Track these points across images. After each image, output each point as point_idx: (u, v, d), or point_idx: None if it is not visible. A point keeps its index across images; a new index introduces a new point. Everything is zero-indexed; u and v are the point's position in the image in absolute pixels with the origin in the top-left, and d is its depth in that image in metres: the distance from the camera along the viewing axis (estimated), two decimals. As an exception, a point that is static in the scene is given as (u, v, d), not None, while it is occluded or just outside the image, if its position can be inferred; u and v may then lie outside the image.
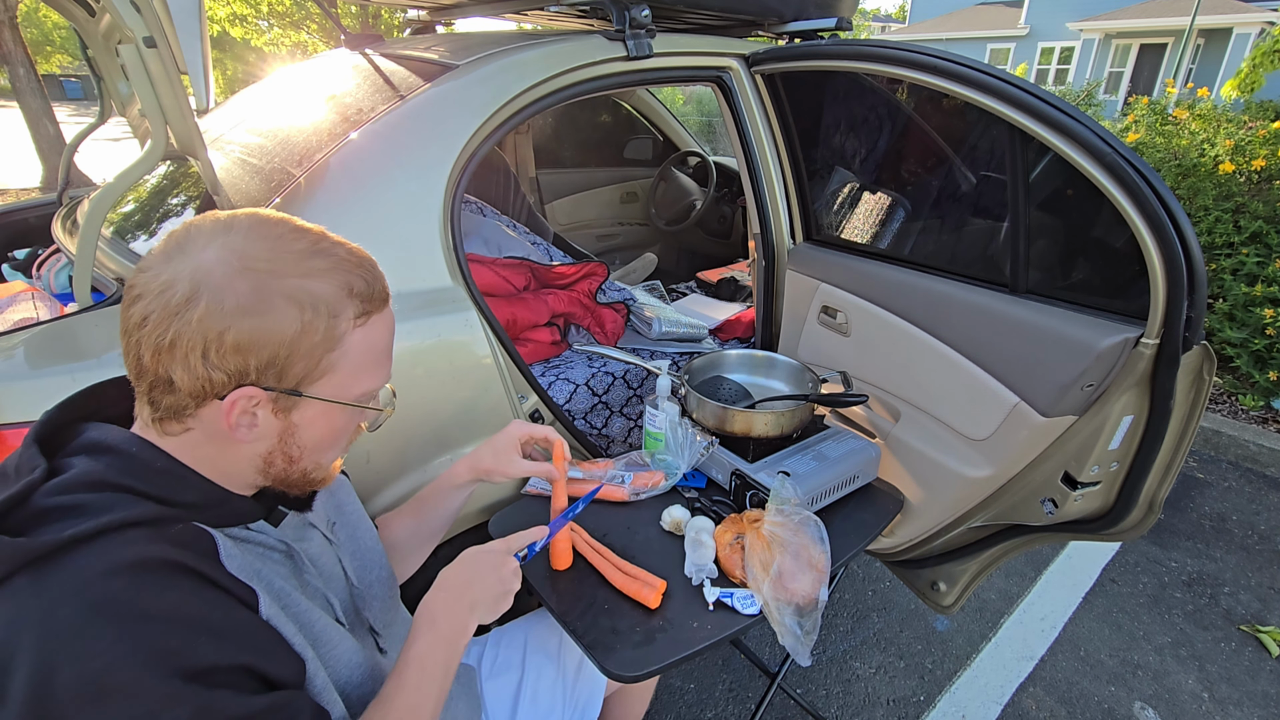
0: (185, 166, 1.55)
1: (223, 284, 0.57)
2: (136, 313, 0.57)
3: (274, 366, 0.60)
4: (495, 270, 1.73)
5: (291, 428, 0.64)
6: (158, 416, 0.61)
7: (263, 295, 0.58)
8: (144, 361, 0.58)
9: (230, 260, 0.58)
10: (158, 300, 0.56)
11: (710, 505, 1.30)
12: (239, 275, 0.58)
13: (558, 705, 1.08)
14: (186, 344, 0.56)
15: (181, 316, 0.56)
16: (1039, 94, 1.15)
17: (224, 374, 0.58)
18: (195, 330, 0.56)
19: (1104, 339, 1.16)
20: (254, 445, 0.64)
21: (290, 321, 0.59)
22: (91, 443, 0.60)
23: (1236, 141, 3.43)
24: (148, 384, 0.59)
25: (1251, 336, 3.15)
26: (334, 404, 0.65)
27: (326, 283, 0.61)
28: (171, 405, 0.60)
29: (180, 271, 0.57)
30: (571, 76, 1.40)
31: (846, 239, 1.68)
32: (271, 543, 0.68)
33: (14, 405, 0.88)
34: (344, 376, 0.65)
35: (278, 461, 0.66)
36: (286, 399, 0.62)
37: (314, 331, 0.60)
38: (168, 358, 0.57)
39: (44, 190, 7.04)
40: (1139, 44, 18.18)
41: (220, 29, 10.27)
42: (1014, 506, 1.43)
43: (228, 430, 0.61)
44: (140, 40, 0.91)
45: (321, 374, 0.63)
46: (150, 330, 0.57)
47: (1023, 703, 1.79)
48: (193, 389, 0.58)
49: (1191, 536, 2.50)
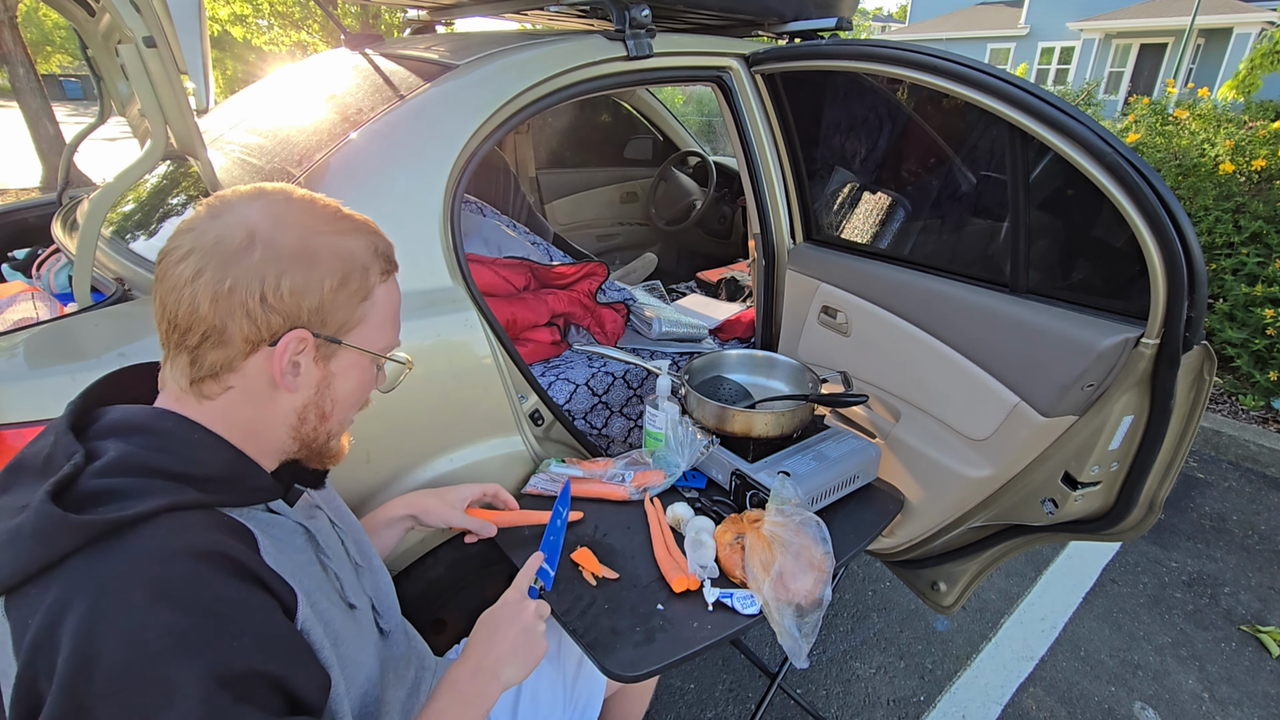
0: (185, 166, 1.55)
1: (274, 234, 0.61)
2: (188, 267, 0.59)
3: (320, 313, 0.64)
4: (495, 270, 1.73)
5: (329, 377, 0.68)
6: (199, 377, 0.62)
7: (309, 245, 0.63)
8: (200, 311, 0.59)
9: (275, 215, 0.63)
10: (213, 252, 0.59)
11: (710, 505, 1.30)
12: (285, 228, 0.62)
13: (558, 706, 1.08)
14: (245, 289, 0.60)
15: (239, 263, 0.59)
16: (1039, 94, 1.15)
17: (280, 317, 0.61)
18: (254, 275, 0.60)
19: (1104, 339, 1.16)
20: (293, 398, 0.67)
21: (334, 270, 0.64)
22: (119, 424, 0.61)
23: (1237, 141, 3.43)
24: (198, 338, 0.60)
25: (1252, 336, 3.15)
26: (366, 353, 0.70)
27: (356, 240, 0.67)
28: (218, 361, 0.61)
29: (230, 225, 0.61)
30: (571, 76, 1.40)
31: (847, 239, 1.68)
32: (291, 525, 0.69)
33: (14, 405, 0.88)
34: (372, 329, 0.70)
35: (310, 417, 0.69)
36: (328, 346, 0.66)
37: (351, 281, 0.65)
38: (226, 304, 0.59)
39: (44, 190, 7.04)
40: (1139, 44, 18.18)
41: (220, 29, 10.27)
42: (1014, 506, 1.43)
43: (275, 378, 0.63)
44: (140, 40, 0.91)
45: (356, 323, 0.68)
46: (208, 279, 0.59)
47: (1023, 703, 1.79)
48: (249, 334, 0.61)
49: (1192, 536, 2.50)
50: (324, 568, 0.72)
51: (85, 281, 1.05)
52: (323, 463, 0.75)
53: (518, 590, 0.88)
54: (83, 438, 0.60)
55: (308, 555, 0.70)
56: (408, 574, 1.25)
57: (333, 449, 0.74)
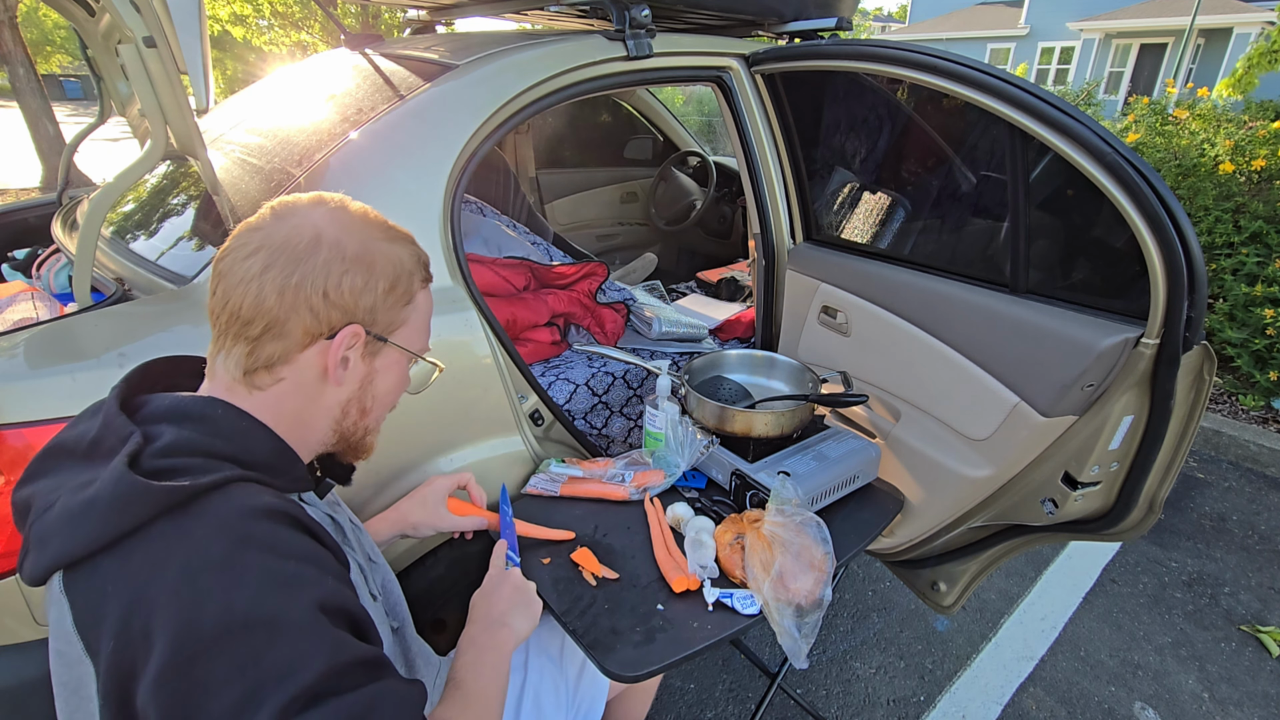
0: (185, 166, 1.55)
1: (340, 237, 0.67)
2: (257, 262, 0.64)
3: (372, 312, 0.69)
4: (495, 270, 1.73)
5: (372, 373, 0.73)
6: (254, 368, 0.66)
7: (368, 249, 0.68)
8: (266, 303, 0.63)
9: (339, 223, 0.68)
10: (282, 250, 0.64)
11: (710, 505, 1.30)
12: (347, 233, 0.67)
13: (561, 709, 1.08)
14: (311, 285, 0.64)
15: (307, 261, 0.64)
16: (1039, 94, 1.15)
17: (339, 312, 0.66)
18: (320, 272, 0.65)
19: (1104, 339, 1.16)
20: (339, 392, 0.71)
21: (387, 274, 0.70)
22: (172, 410, 0.64)
23: (1236, 141, 3.43)
24: (261, 329, 0.64)
25: (1252, 336, 3.15)
26: (405, 354, 0.75)
27: (404, 249, 0.73)
28: (275, 352, 0.65)
29: (297, 227, 0.66)
30: (571, 76, 1.40)
31: (847, 239, 1.68)
32: (321, 515, 0.73)
33: (14, 405, 0.88)
34: (411, 330, 0.75)
35: (353, 411, 0.73)
36: (375, 343, 0.71)
37: (400, 285, 0.71)
38: (292, 298, 0.64)
39: (44, 190, 7.04)
40: (1139, 44, 18.17)
41: (220, 29, 10.27)
42: (1014, 506, 1.43)
43: (327, 370, 0.68)
44: (140, 40, 0.90)
45: (399, 325, 0.73)
46: (276, 273, 0.63)
47: (1023, 703, 1.79)
48: (309, 327, 0.65)
49: (1191, 536, 2.50)
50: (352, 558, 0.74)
51: (85, 281, 1.05)
52: (356, 456, 0.79)
53: (496, 567, 0.98)
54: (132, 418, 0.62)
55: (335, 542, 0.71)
56: (408, 574, 1.25)
57: (368, 444, 0.79)
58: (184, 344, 1.00)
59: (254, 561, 0.53)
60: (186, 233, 1.36)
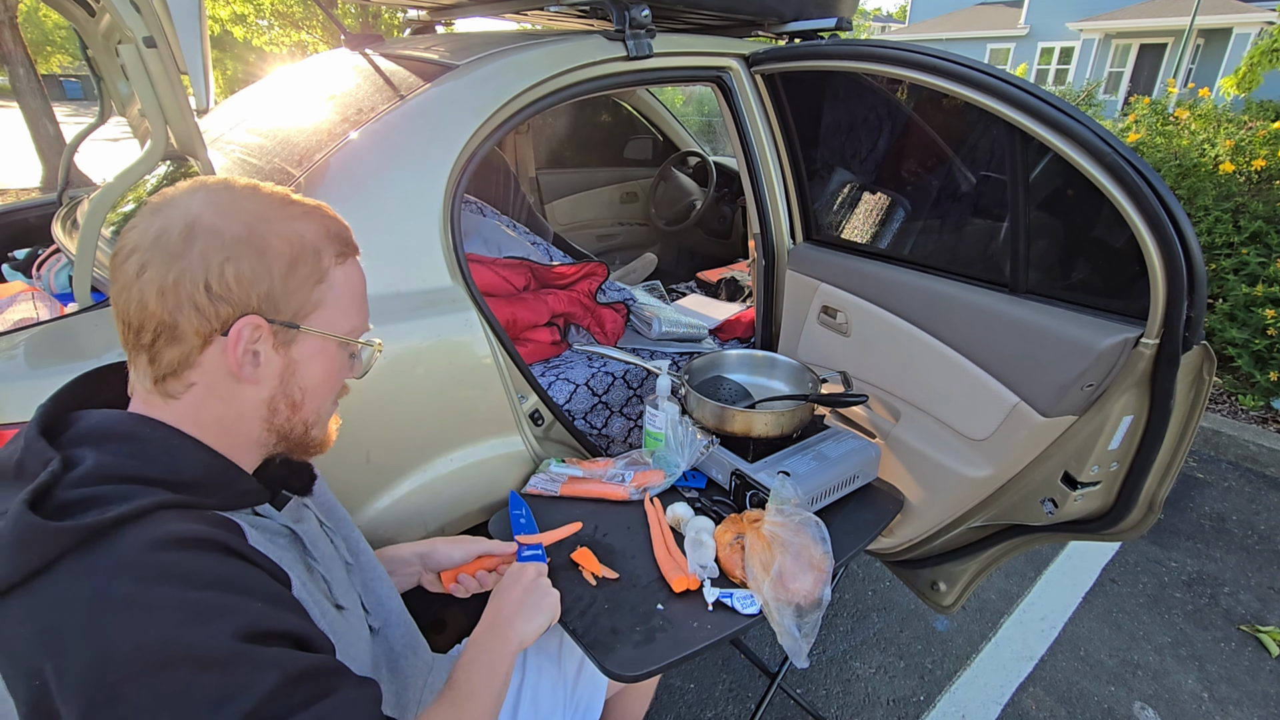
0: (185, 166, 1.55)
1: (216, 222, 0.60)
2: (133, 264, 0.59)
3: (271, 299, 0.62)
4: (495, 270, 1.73)
5: (292, 365, 0.67)
6: (160, 376, 0.62)
7: (255, 231, 0.61)
8: (149, 308, 0.59)
9: (217, 205, 0.61)
10: (155, 247, 0.59)
11: (710, 505, 1.30)
12: (228, 216, 0.61)
13: (559, 707, 1.08)
14: (190, 280, 0.59)
15: (183, 256, 0.59)
16: (1039, 94, 1.15)
17: (229, 305, 0.60)
18: (197, 265, 0.59)
19: (1104, 339, 1.16)
20: (258, 389, 0.65)
21: (282, 255, 0.62)
22: (91, 431, 0.60)
23: (1237, 142, 3.43)
24: (151, 335, 0.60)
25: (1252, 337, 3.15)
26: (329, 338, 0.68)
27: (306, 224, 0.65)
28: (174, 358, 0.61)
29: (172, 218, 0.60)
30: (571, 76, 1.40)
31: (846, 239, 1.68)
32: (276, 527, 0.69)
33: (14, 405, 0.88)
34: (332, 312, 0.68)
35: (281, 408, 0.67)
36: (286, 332, 0.65)
37: (303, 263, 0.64)
38: (172, 298, 0.59)
39: (44, 190, 7.03)
40: (1139, 44, 18.17)
41: (221, 29, 10.27)
42: (1014, 506, 1.43)
43: (233, 369, 0.62)
44: (140, 40, 0.91)
45: (313, 308, 0.66)
46: (152, 274, 0.58)
47: (1023, 703, 1.79)
48: (198, 326, 0.60)
49: (1191, 536, 2.50)
50: (310, 569, 0.71)
51: (85, 281, 1.05)
52: (306, 453, 0.73)
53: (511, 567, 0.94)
54: (56, 443, 0.58)
55: (294, 555, 0.69)
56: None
57: (315, 438, 0.72)
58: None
59: (164, 595, 0.50)
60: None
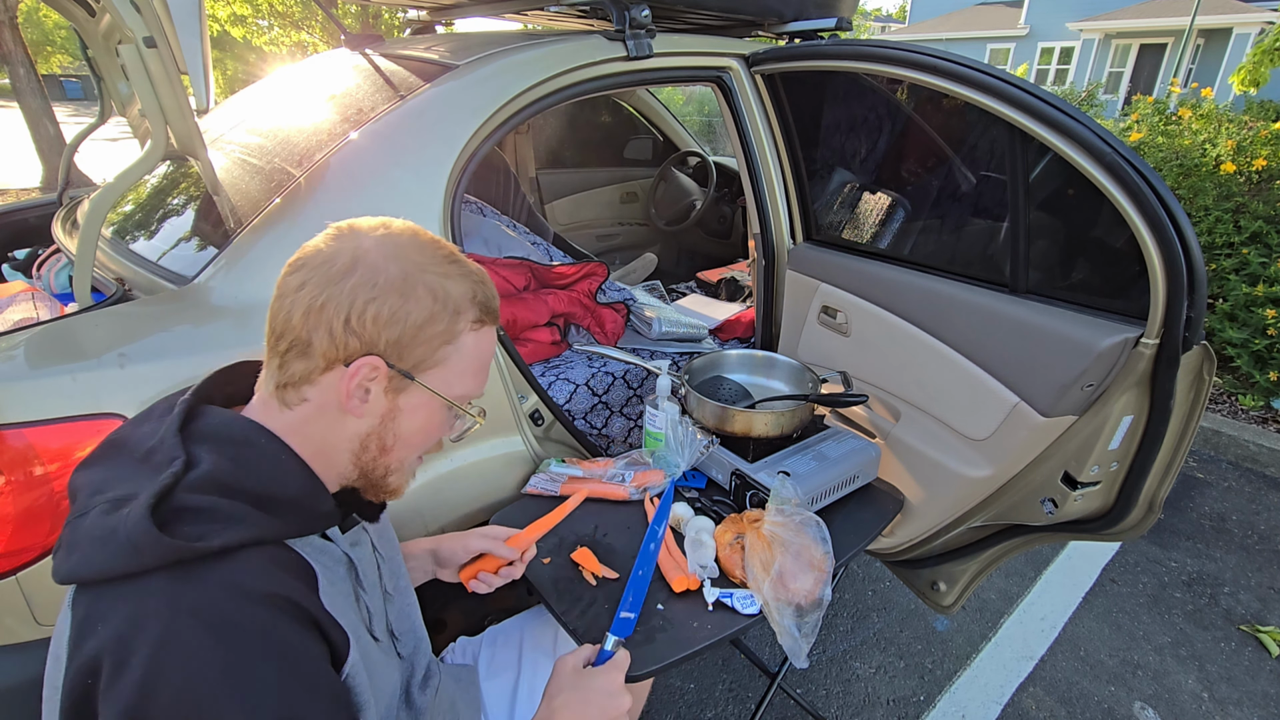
0: (185, 166, 1.55)
1: (378, 263, 0.64)
2: (296, 279, 0.64)
3: (398, 346, 0.66)
4: (495, 270, 1.73)
5: (395, 411, 0.69)
6: (283, 383, 0.65)
7: (408, 281, 0.65)
8: (293, 321, 0.63)
9: (387, 248, 0.65)
10: (320, 269, 0.64)
11: (710, 505, 1.30)
12: (392, 260, 0.65)
13: None
14: (334, 309, 0.63)
15: (337, 284, 0.63)
16: (1039, 94, 1.15)
17: (358, 341, 0.64)
18: (345, 298, 0.63)
19: (1104, 339, 1.16)
20: (359, 423, 0.68)
21: (423, 308, 0.66)
22: (217, 432, 0.64)
23: (1238, 142, 3.42)
24: (287, 345, 0.64)
25: (1252, 337, 3.15)
26: (437, 397, 0.70)
27: (458, 285, 0.68)
28: (299, 372, 0.65)
29: (343, 249, 0.65)
30: (571, 77, 1.40)
31: (846, 239, 1.68)
32: (338, 554, 0.71)
33: (14, 405, 0.88)
34: (450, 373, 0.70)
35: (372, 446, 0.70)
36: (400, 379, 0.67)
37: (438, 321, 0.67)
38: (315, 319, 0.63)
39: (44, 190, 7.03)
40: (1139, 44, 18.17)
41: (220, 29, 10.27)
42: (1014, 506, 1.43)
43: (343, 400, 0.65)
44: (140, 40, 0.91)
45: (434, 364, 0.69)
46: (306, 293, 0.63)
47: (1023, 703, 1.79)
48: (326, 350, 0.63)
49: (1191, 536, 2.50)
50: (357, 599, 0.73)
51: (85, 281, 1.05)
52: (379, 496, 0.75)
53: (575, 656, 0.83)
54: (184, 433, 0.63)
55: (347, 587, 0.71)
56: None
57: (390, 484, 0.74)
58: (184, 344, 1.00)
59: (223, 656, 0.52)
60: (187, 233, 1.36)
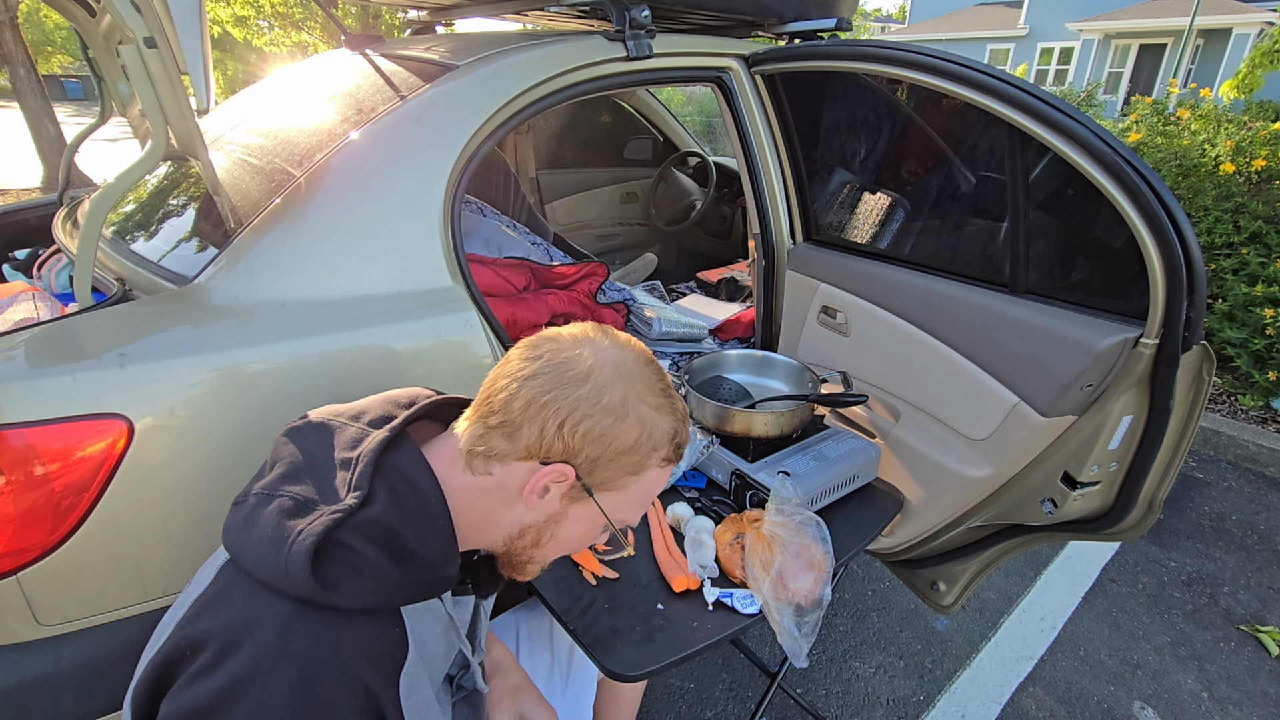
0: (185, 166, 1.55)
1: (607, 380, 0.67)
2: (531, 368, 0.67)
3: (593, 463, 0.68)
4: (495, 270, 1.74)
5: (563, 515, 0.72)
6: (477, 451, 0.68)
7: (626, 406, 0.67)
8: (513, 405, 0.66)
9: (620, 366, 0.68)
10: (555, 369, 0.67)
11: (710, 505, 1.30)
12: (620, 380, 0.68)
13: (555, 692, 1.09)
14: (553, 412, 0.65)
15: (564, 390, 0.66)
16: (1039, 94, 1.16)
17: (563, 446, 0.66)
18: (566, 406, 0.65)
19: (1104, 339, 1.16)
20: (527, 514, 0.71)
21: (629, 437, 0.68)
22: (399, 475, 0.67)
23: (1237, 142, 3.43)
24: (498, 421, 0.67)
25: (1251, 336, 3.15)
26: (603, 516, 0.72)
27: (665, 421, 0.70)
28: (498, 449, 0.67)
29: (583, 356, 0.67)
30: (571, 77, 1.40)
31: (846, 239, 1.68)
32: (442, 615, 0.73)
33: (14, 405, 0.88)
34: (623, 499, 0.73)
35: (528, 537, 0.73)
36: (580, 491, 0.70)
37: (637, 452, 0.69)
38: (535, 412, 0.66)
39: (44, 190, 7.04)
40: (1139, 44, 18.18)
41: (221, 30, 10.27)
42: (1014, 506, 1.43)
43: (524, 490, 0.68)
44: (140, 40, 0.90)
45: (614, 488, 0.71)
46: (536, 384, 0.66)
47: (1022, 702, 1.79)
48: (531, 445, 0.66)
49: (1191, 536, 2.50)
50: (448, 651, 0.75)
51: (86, 281, 1.05)
52: (511, 574, 0.79)
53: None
54: (379, 460, 0.66)
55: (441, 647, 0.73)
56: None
57: (528, 571, 0.78)
58: (185, 344, 1.00)
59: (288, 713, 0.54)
60: (187, 233, 1.36)
